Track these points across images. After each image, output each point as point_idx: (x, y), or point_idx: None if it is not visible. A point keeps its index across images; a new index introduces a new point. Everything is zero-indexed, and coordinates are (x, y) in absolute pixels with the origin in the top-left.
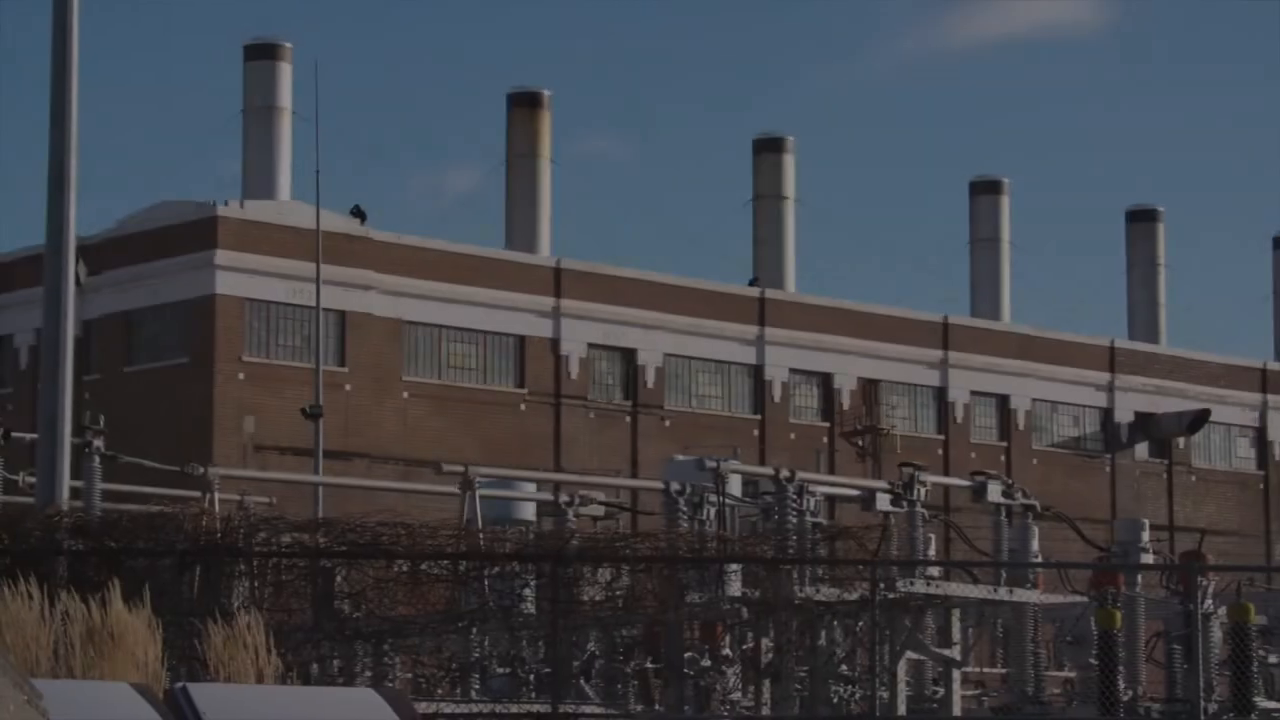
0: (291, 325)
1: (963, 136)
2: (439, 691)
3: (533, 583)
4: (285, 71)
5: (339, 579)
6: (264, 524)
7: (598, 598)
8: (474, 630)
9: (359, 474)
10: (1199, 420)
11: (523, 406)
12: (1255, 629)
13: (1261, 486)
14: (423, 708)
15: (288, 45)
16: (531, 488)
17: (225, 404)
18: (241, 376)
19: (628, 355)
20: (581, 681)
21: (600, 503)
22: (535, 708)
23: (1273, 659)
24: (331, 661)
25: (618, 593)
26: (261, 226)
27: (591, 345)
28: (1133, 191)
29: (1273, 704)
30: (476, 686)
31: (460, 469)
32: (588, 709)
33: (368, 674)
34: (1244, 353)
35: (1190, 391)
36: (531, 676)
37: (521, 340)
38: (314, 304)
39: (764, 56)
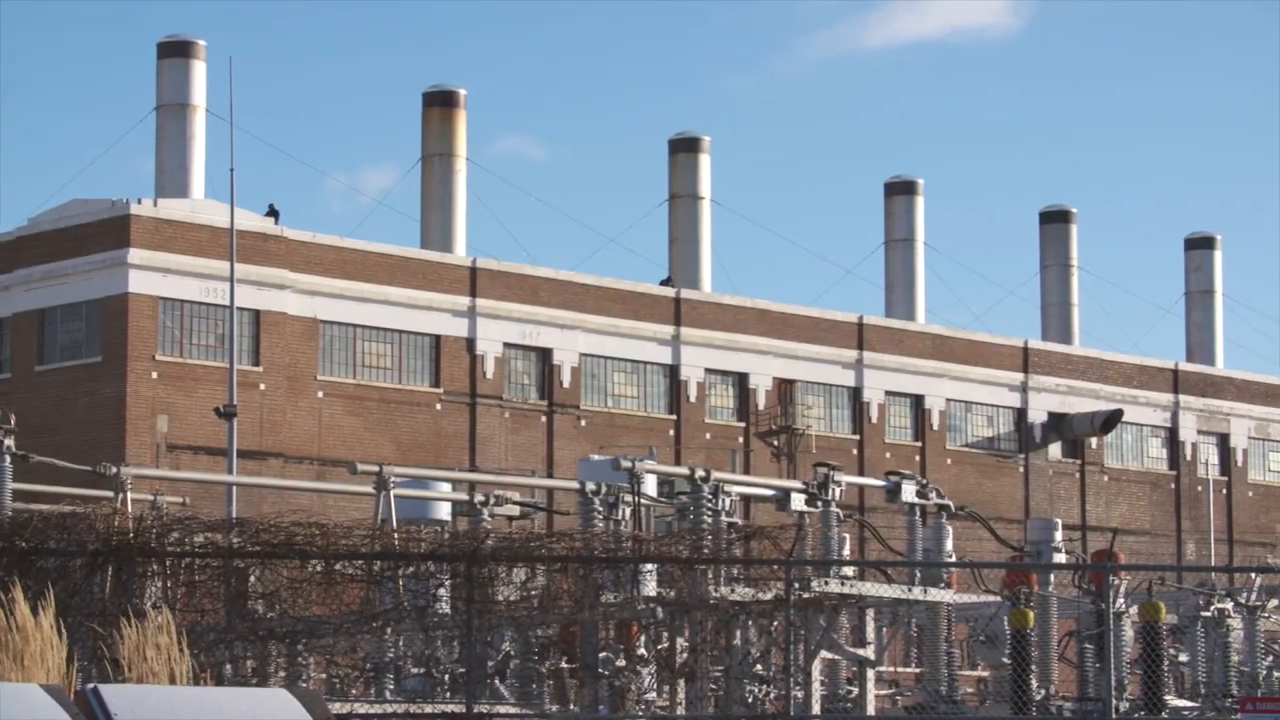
0: (205, 324)
1: (878, 137)
2: (353, 692)
3: (448, 582)
4: (199, 69)
5: (253, 579)
6: (177, 524)
7: (513, 597)
8: (388, 630)
9: (273, 474)
10: (1112, 420)
11: (438, 406)
12: (1166, 628)
13: (1173, 486)
14: (337, 708)
15: (201, 43)
16: (447, 487)
17: (138, 403)
18: (155, 376)
19: (543, 355)
20: (496, 681)
21: (516, 502)
22: (450, 708)
23: (1183, 657)
24: (245, 662)
25: (533, 592)
26: (175, 225)
27: (507, 345)
28: (1047, 193)
29: (1183, 702)
30: (391, 687)
31: (375, 469)
32: (502, 709)
33: (281, 674)
34: (1156, 353)
35: (1103, 392)
36: (446, 677)
37: (437, 340)
38: (228, 303)
39: (681, 57)
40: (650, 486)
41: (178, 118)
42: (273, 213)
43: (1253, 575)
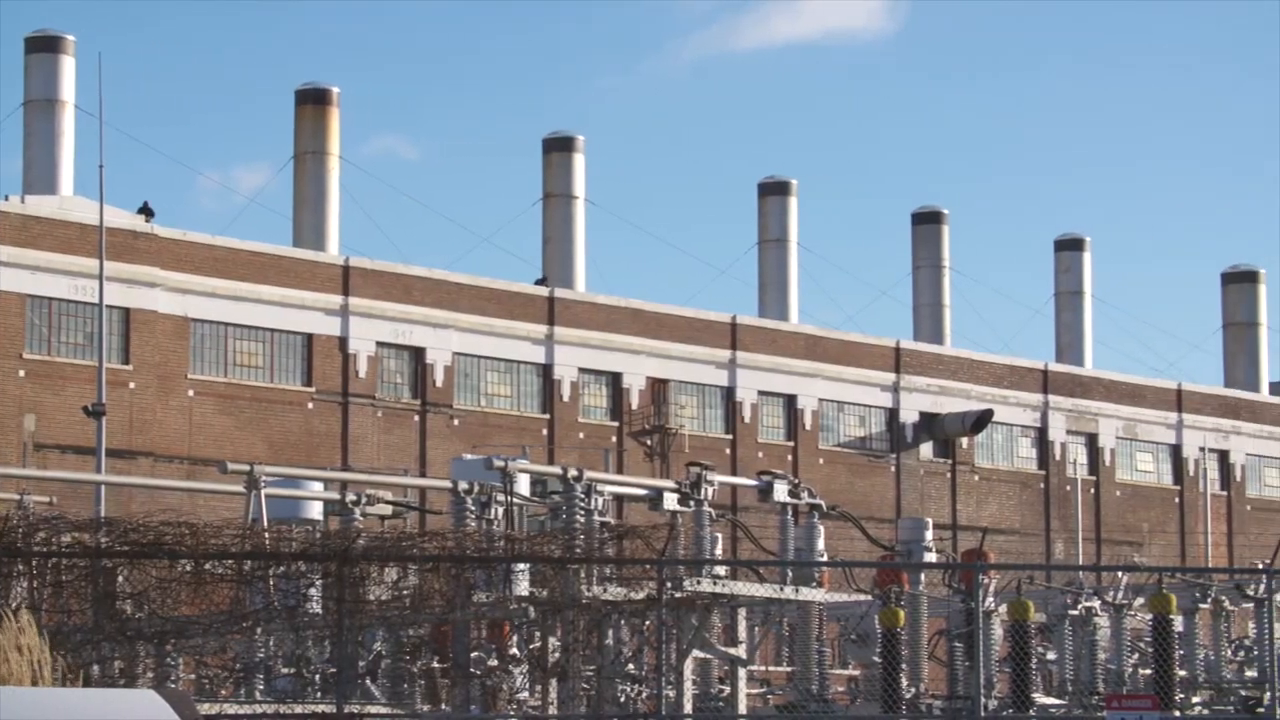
0: (74, 322)
1: (752, 138)
2: (223, 692)
3: (319, 582)
4: (68, 65)
5: (121, 579)
6: (44, 523)
7: (384, 597)
8: (259, 630)
9: (143, 473)
10: (982, 420)
11: (310, 405)
12: (1035, 626)
13: (1042, 486)
14: (206, 709)
15: (70, 38)
16: (318, 487)
17: (5, 401)
18: (22, 374)
19: (416, 354)
20: (367, 681)
21: (388, 502)
22: (320, 708)
23: (1051, 655)
24: (113, 663)
25: (405, 592)
26: (43, 222)
27: (380, 344)
28: (919, 194)
29: (1051, 699)
30: (261, 687)
31: (246, 468)
32: (373, 709)
33: (150, 675)
34: (1026, 354)
35: (973, 392)
36: (317, 677)
37: (309, 338)
38: (97, 301)
39: (556, 57)
40: (523, 486)
41: (46, 114)
42: (146, 210)
43: (1119, 574)
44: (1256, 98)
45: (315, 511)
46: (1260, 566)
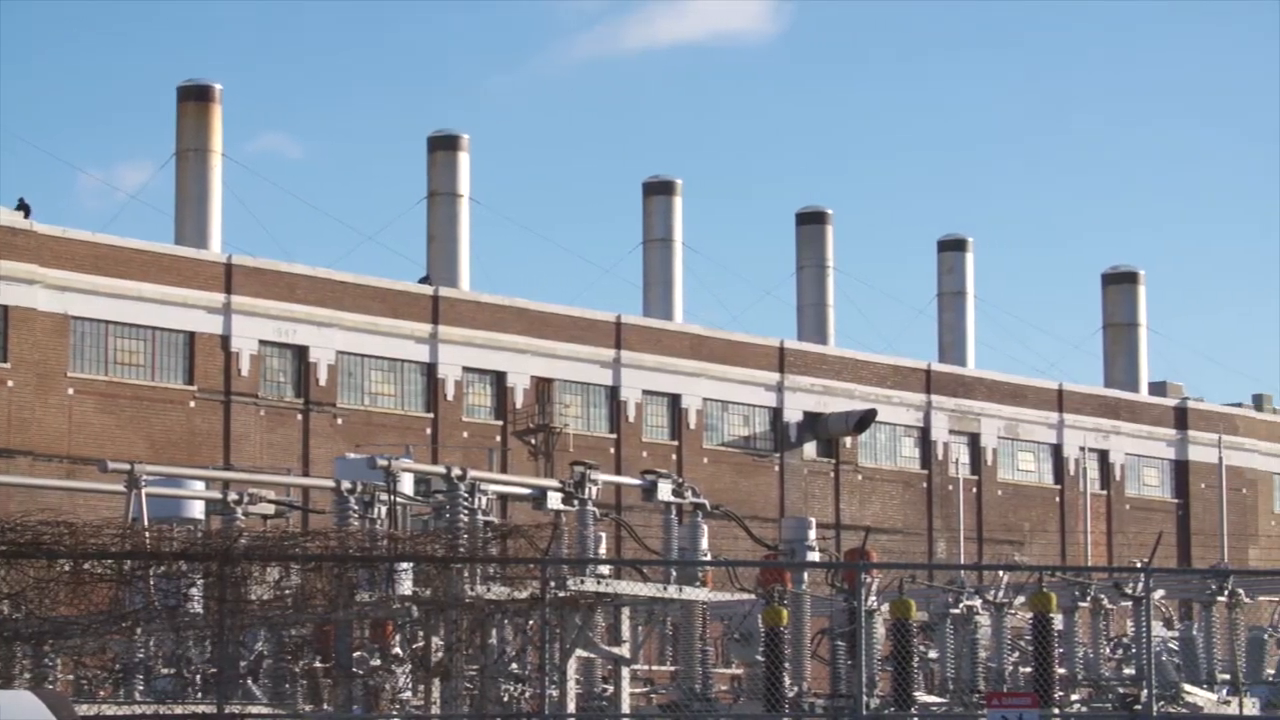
0: None
1: (637, 138)
2: (101, 693)
3: (200, 582)
4: None
5: None
6: None
7: (266, 597)
8: (139, 630)
9: (21, 472)
10: (865, 420)
11: (192, 404)
12: (916, 625)
13: (925, 485)
14: (84, 710)
15: None
16: (200, 486)
17: None
18: None
19: (300, 352)
20: (249, 681)
21: (270, 501)
22: (201, 708)
23: (933, 654)
24: None
25: (287, 592)
26: None
27: (263, 342)
28: (803, 194)
29: (932, 698)
30: (141, 688)
31: (126, 467)
32: (255, 709)
33: (27, 676)
34: (909, 354)
35: (857, 392)
36: (198, 677)
37: (191, 337)
38: None
39: (441, 56)
40: (406, 485)
41: None
42: (23, 207)
43: (1000, 573)
44: (1133, 99)
45: (197, 511)
46: (1138, 565)
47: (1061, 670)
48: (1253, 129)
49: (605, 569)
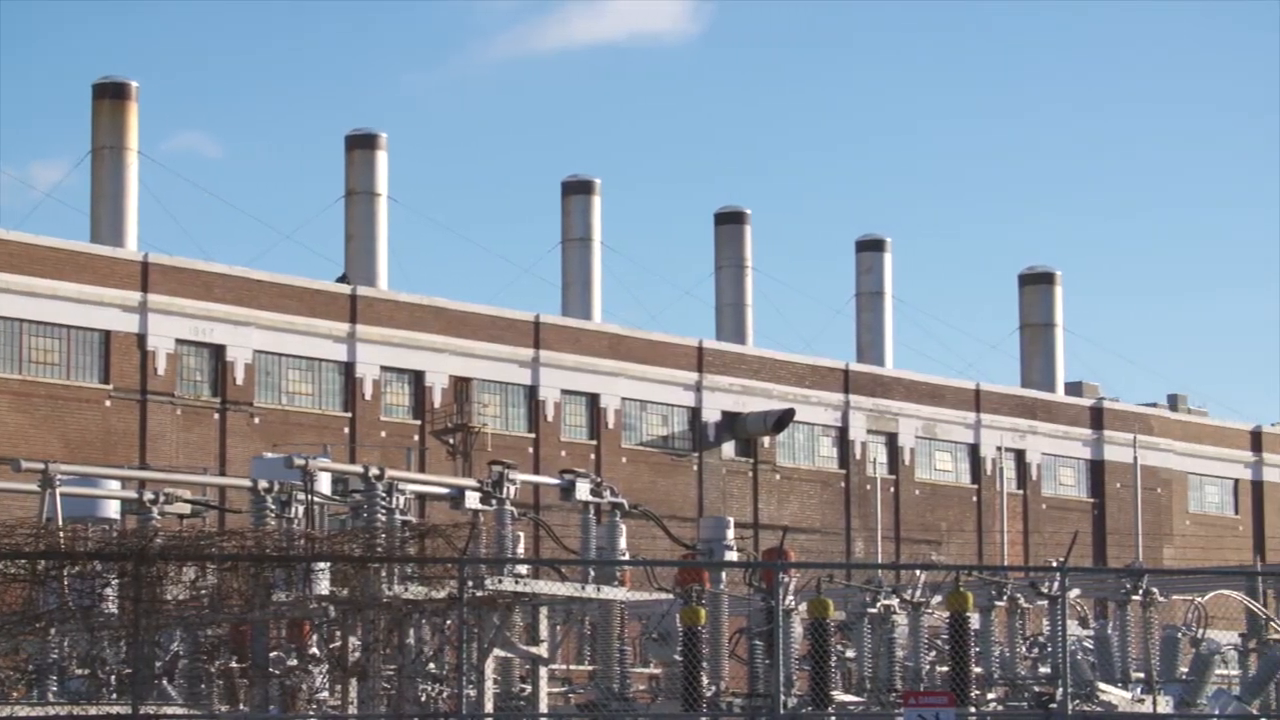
0: None
1: (556, 137)
2: (14, 694)
3: (115, 582)
4: None
5: None
6: None
7: (182, 596)
8: (52, 631)
9: None
10: (784, 420)
11: (108, 403)
12: (834, 624)
13: (843, 485)
14: None
15: None
16: (115, 485)
17: None
18: None
19: (216, 351)
20: (164, 682)
21: (186, 500)
22: (116, 709)
23: (850, 653)
24: None
25: (203, 591)
26: None
27: (179, 341)
28: (722, 194)
29: (850, 697)
30: (54, 689)
31: (40, 466)
32: (170, 710)
33: None
34: (828, 353)
35: (775, 391)
36: (112, 678)
37: (107, 335)
38: None
39: (360, 55)
40: (324, 485)
41: None
42: None
43: (917, 572)
44: (1051, 99)
45: (112, 510)
46: (1054, 565)
47: (978, 669)
48: (1168, 130)
49: (523, 568)
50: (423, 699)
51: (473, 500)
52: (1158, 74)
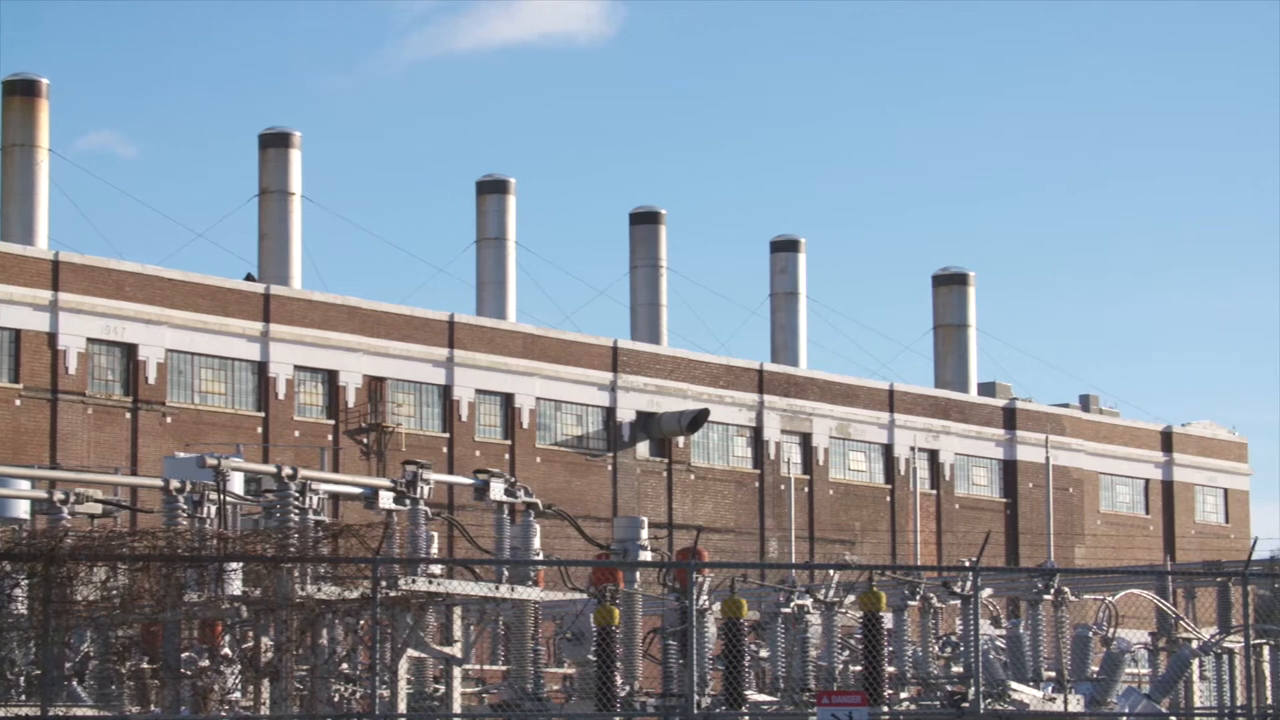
0: None
1: (471, 137)
2: None
3: (24, 582)
4: None
5: None
6: None
7: (92, 597)
8: None
9: None
10: (698, 420)
11: (18, 402)
12: (748, 624)
13: (757, 485)
14: None
15: None
16: (25, 485)
17: None
18: None
19: (128, 350)
20: (74, 683)
21: (97, 500)
22: (24, 711)
23: (764, 653)
24: None
25: (114, 592)
26: None
27: (91, 340)
28: (636, 194)
29: (763, 696)
30: None
31: None
32: (80, 712)
33: None
34: (742, 354)
35: (690, 391)
36: (21, 679)
37: (17, 334)
38: None
39: (274, 55)
40: (237, 484)
41: None
42: None
43: (831, 572)
44: (963, 99)
45: (22, 510)
46: (967, 564)
47: (891, 668)
48: (1078, 131)
49: (437, 568)
50: (336, 699)
51: (386, 500)
52: (1066, 72)
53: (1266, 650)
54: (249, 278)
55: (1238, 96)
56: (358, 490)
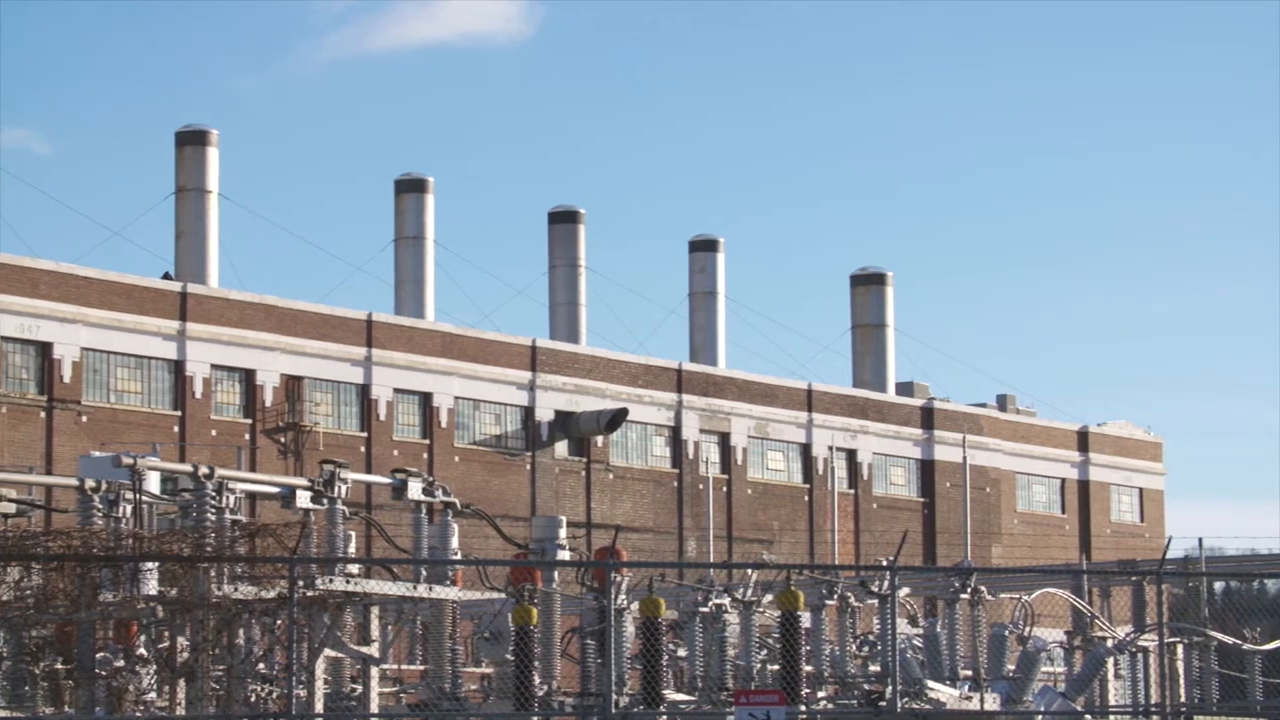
0: None
1: (388, 137)
2: None
3: None
4: None
5: None
6: None
7: (6, 597)
8: None
9: None
10: (617, 419)
11: None
12: (666, 623)
13: (676, 484)
14: None
15: None
16: None
17: None
18: None
19: (43, 349)
20: None
21: (12, 500)
22: None
23: (682, 652)
24: None
25: (28, 592)
26: None
27: (4, 339)
28: (556, 193)
29: (682, 696)
30: None
31: None
32: None
33: None
34: (661, 353)
35: (609, 391)
36: None
37: None
38: None
39: (191, 54)
40: (153, 484)
41: None
42: None
43: (749, 572)
44: (880, 99)
45: None
46: (884, 563)
47: (808, 667)
48: (993, 130)
49: (354, 568)
50: (252, 699)
51: (304, 499)
52: (982, 73)
53: (1180, 648)
54: (166, 276)
55: (1154, 93)
56: (275, 490)
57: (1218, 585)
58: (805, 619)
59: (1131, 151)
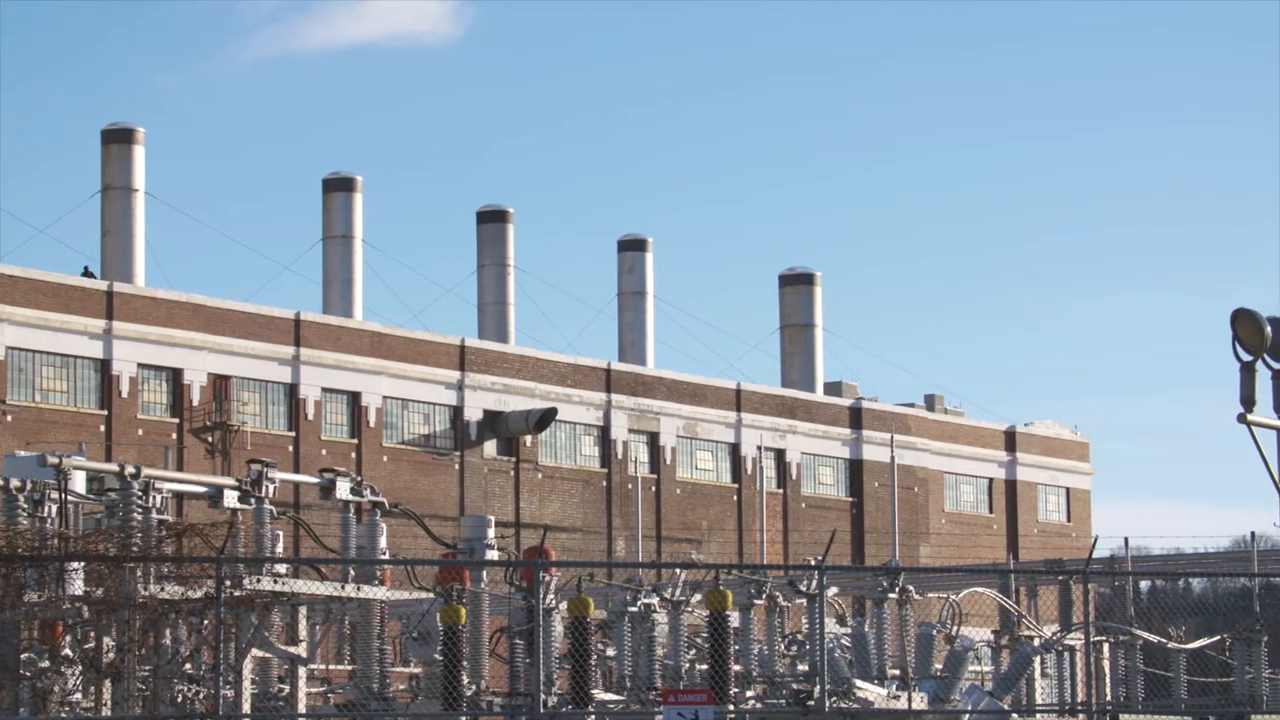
0: None
1: (317, 136)
2: None
3: None
4: None
5: None
6: None
7: None
8: None
9: None
10: (545, 418)
11: None
12: (594, 623)
13: (605, 484)
14: None
15: None
16: None
17: None
18: None
19: None
20: None
21: None
22: None
23: (611, 652)
24: None
25: None
26: None
27: None
28: (484, 193)
29: (610, 696)
30: None
31: None
32: None
33: None
34: (590, 353)
35: (538, 390)
36: None
37: None
38: None
39: (118, 53)
40: (79, 483)
41: None
42: None
43: (678, 571)
44: (808, 99)
45: None
46: (813, 563)
47: (737, 667)
48: (924, 132)
49: (282, 568)
50: (179, 700)
51: (231, 499)
52: (913, 72)
53: (1106, 648)
54: (86, 272)
55: (1075, 93)
56: (202, 489)
57: (1143, 584)
58: (734, 618)
59: (1058, 152)
